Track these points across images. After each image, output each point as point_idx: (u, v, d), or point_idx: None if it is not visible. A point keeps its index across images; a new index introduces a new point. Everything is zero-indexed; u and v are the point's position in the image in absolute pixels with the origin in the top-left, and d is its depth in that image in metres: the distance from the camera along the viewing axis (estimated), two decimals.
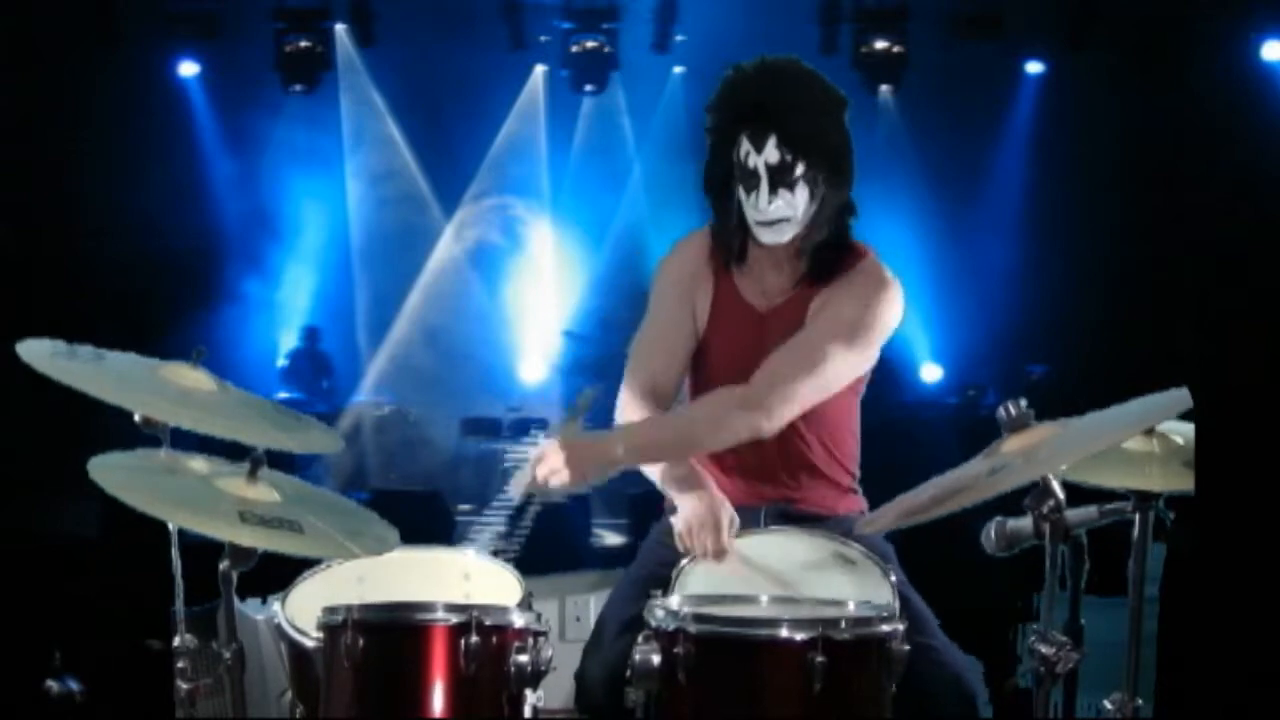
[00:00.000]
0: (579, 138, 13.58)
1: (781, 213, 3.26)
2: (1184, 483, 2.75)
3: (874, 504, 3.26)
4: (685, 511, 3.19)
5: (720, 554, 3.14)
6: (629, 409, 3.36)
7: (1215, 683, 2.28)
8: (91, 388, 2.84)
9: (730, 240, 3.37)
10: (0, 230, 9.64)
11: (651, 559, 3.33)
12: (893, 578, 3.07)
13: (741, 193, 3.29)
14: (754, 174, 3.25)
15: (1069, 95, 12.38)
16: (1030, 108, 12.93)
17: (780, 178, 3.24)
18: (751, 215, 3.30)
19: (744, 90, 3.30)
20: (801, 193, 3.26)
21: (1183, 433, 2.85)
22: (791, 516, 3.35)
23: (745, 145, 3.26)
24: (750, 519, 3.31)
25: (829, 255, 3.34)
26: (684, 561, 3.13)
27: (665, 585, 3.06)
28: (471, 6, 12.47)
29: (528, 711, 2.96)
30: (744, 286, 3.41)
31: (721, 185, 3.34)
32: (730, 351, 3.38)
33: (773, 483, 3.40)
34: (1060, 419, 2.66)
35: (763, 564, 3.10)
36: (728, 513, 3.19)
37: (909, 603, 3.10)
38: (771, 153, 3.23)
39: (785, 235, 3.30)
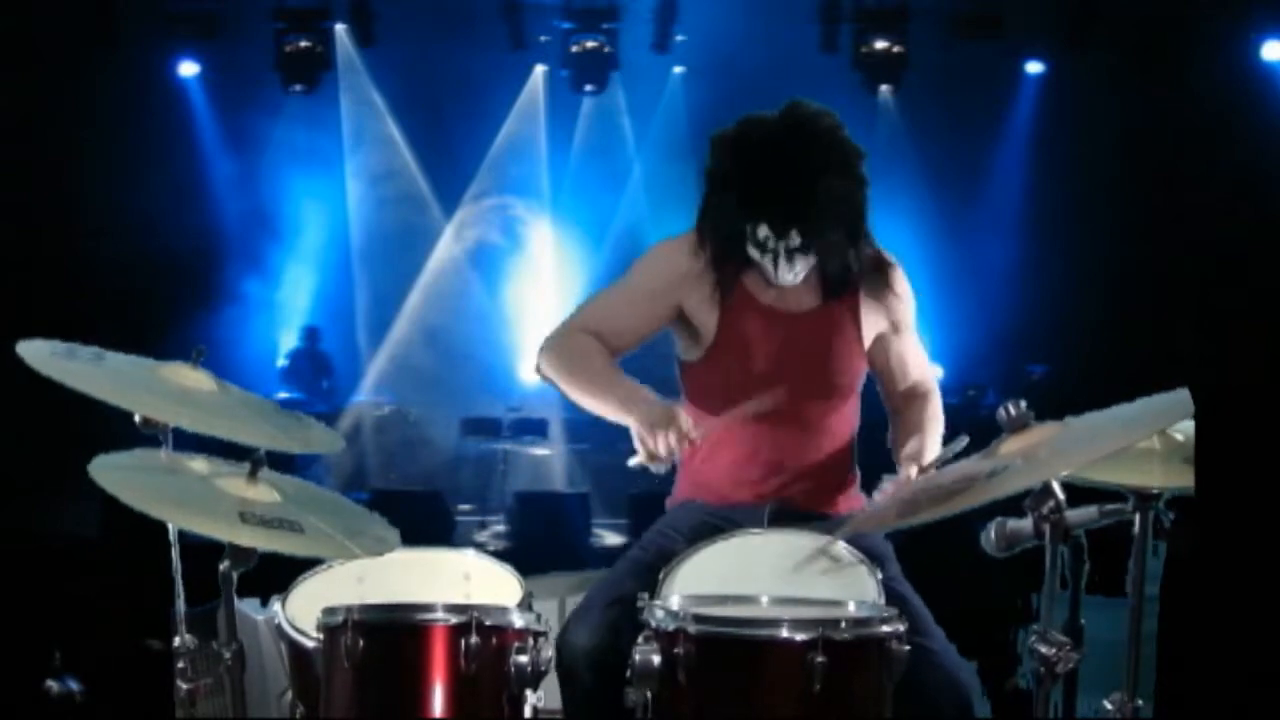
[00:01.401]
0: (579, 138, 13.57)
1: (798, 271, 3.32)
2: (1185, 479, 2.75)
3: None
4: (642, 414, 3.16)
5: (683, 444, 3.13)
6: (577, 338, 3.35)
7: (1215, 683, 2.28)
8: (91, 388, 2.85)
9: (730, 270, 3.38)
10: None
11: (652, 546, 3.32)
12: (879, 575, 3.06)
13: (755, 253, 3.31)
14: (773, 251, 3.29)
15: (1069, 95, 12.38)
16: (1030, 108, 12.92)
17: (800, 252, 3.29)
18: (767, 271, 3.33)
19: (768, 177, 3.24)
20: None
21: (1184, 429, 2.85)
22: (793, 515, 3.34)
23: (764, 230, 3.27)
24: (753, 518, 3.31)
25: (851, 266, 3.40)
26: (672, 561, 3.10)
27: (660, 570, 3.06)
28: (471, 6, 12.46)
29: (528, 711, 2.97)
30: (759, 291, 3.41)
31: (730, 240, 3.33)
32: (750, 352, 3.39)
33: (775, 482, 3.40)
34: (1061, 419, 2.66)
35: (747, 564, 3.09)
36: (682, 412, 3.18)
37: (908, 603, 3.10)
38: (794, 239, 3.26)
39: (800, 278, 3.35)
